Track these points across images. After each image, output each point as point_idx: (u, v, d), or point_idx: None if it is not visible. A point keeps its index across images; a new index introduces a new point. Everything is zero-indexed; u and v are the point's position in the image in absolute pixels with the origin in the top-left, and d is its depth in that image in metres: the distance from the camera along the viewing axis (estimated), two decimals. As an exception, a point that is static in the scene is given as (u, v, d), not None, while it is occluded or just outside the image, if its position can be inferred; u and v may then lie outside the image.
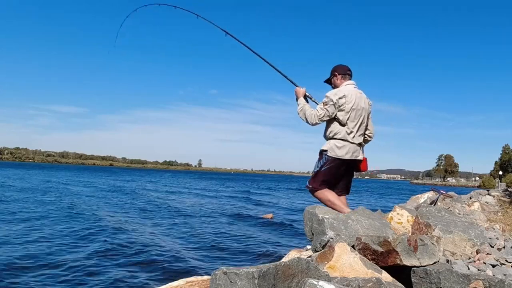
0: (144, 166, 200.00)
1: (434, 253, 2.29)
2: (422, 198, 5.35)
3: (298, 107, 3.79)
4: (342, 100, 3.59)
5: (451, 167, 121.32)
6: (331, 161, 3.61)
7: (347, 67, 3.86)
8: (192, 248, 8.15)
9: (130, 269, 6.28)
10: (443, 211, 3.18)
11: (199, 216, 13.99)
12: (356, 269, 2.13)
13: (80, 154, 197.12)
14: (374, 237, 2.36)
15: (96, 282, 5.61)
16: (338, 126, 3.64)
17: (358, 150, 3.69)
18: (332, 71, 3.90)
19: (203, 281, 2.54)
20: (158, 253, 7.50)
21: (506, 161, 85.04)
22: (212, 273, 1.79)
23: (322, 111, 3.60)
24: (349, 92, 3.65)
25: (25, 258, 6.56)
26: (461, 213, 4.23)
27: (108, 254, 7.21)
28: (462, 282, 2.00)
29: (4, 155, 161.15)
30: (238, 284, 1.69)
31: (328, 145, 3.65)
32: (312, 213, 2.91)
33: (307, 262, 1.94)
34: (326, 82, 3.98)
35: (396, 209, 3.54)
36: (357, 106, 3.65)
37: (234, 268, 1.75)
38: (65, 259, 6.68)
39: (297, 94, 3.88)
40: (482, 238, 2.72)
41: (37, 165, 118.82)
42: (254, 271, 1.71)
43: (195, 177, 70.83)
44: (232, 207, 17.81)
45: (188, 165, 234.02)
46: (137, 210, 15.04)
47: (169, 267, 6.56)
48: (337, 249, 2.22)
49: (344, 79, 3.81)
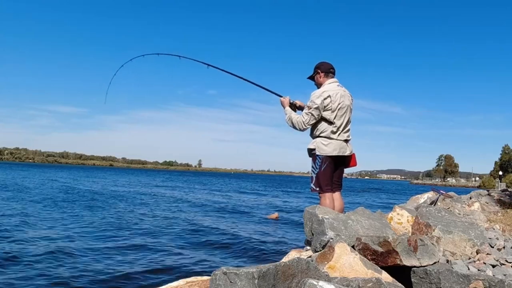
0: (144, 166, 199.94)
1: (434, 253, 2.29)
2: (422, 198, 5.36)
3: (285, 117, 3.91)
4: (327, 100, 3.68)
5: (451, 167, 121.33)
6: (325, 160, 3.70)
7: (330, 65, 3.91)
8: (192, 248, 8.14)
9: (130, 269, 6.28)
10: (443, 211, 3.18)
11: (199, 215, 13.98)
12: (356, 269, 2.13)
13: (80, 155, 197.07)
14: (374, 237, 2.36)
15: (96, 281, 5.61)
16: (325, 124, 3.73)
17: (344, 146, 3.78)
18: (315, 68, 3.95)
19: (203, 281, 2.54)
20: (158, 253, 7.51)
21: (506, 161, 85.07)
22: (212, 273, 1.79)
23: (307, 116, 3.72)
24: (333, 91, 3.72)
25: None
26: (461, 213, 4.23)
27: (108, 254, 7.21)
28: (462, 282, 2.00)
29: (4, 155, 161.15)
30: (238, 284, 1.69)
31: (315, 143, 3.76)
32: (312, 213, 2.91)
33: (307, 262, 1.94)
34: (309, 78, 4.04)
35: (396, 209, 3.54)
36: (342, 104, 3.74)
37: (234, 268, 1.75)
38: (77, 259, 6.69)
39: (282, 104, 4.01)
40: (482, 238, 2.72)
41: (39, 165, 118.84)
42: (254, 271, 1.71)
43: (196, 177, 70.90)
44: (233, 207, 17.79)
45: (188, 165, 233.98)
46: (137, 209, 15.03)
47: (169, 267, 6.56)
48: (337, 249, 2.22)
49: (327, 77, 3.87)
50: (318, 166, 3.73)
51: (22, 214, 11.82)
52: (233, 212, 15.81)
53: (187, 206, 17.46)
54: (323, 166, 3.70)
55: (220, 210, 16.43)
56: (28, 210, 12.89)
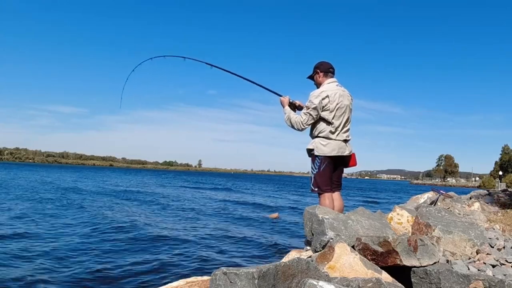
0: (144, 167, 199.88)
1: (434, 253, 2.29)
2: (422, 198, 5.36)
3: (284, 116, 3.91)
4: (326, 100, 3.67)
5: (451, 167, 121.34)
6: (324, 160, 3.70)
7: (330, 64, 3.90)
8: (192, 248, 8.14)
9: (130, 269, 6.28)
10: (443, 211, 3.18)
11: (199, 215, 13.98)
12: (356, 269, 2.13)
13: (80, 155, 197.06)
14: (374, 238, 2.36)
15: (96, 281, 5.61)
16: (324, 124, 3.73)
17: (343, 146, 3.77)
18: (314, 68, 3.95)
19: (203, 282, 2.53)
20: (158, 253, 7.50)
21: (506, 161, 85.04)
22: (212, 273, 1.79)
23: (306, 116, 3.72)
24: (332, 91, 3.72)
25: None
26: (461, 213, 4.23)
27: (107, 254, 7.21)
28: (462, 282, 2.00)
29: (4, 155, 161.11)
30: (238, 285, 1.69)
31: (314, 143, 3.76)
32: (312, 214, 2.91)
33: (307, 262, 1.94)
34: (309, 78, 4.03)
35: (396, 209, 3.54)
36: (341, 104, 3.73)
37: (234, 269, 1.75)
38: (66, 263, 6.69)
39: (282, 103, 4.01)
40: (482, 238, 2.72)
41: (38, 165, 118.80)
42: (254, 272, 1.71)
43: (196, 177, 70.90)
44: (233, 207, 17.79)
45: (188, 165, 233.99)
46: (137, 208, 15.03)
47: (169, 267, 6.55)
48: (337, 250, 2.22)
49: (326, 77, 3.87)
50: (317, 167, 3.73)
51: (22, 213, 11.83)
52: (233, 212, 15.80)
53: (187, 206, 17.45)
54: (322, 167, 3.70)
55: (220, 210, 16.42)
56: (26, 210, 12.90)
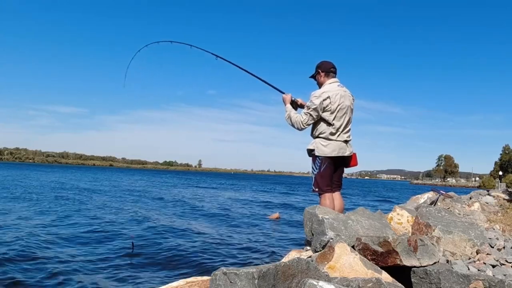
0: (144, 167, 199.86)
1: (434, 253, 2.29)
2: (422, 198, 5.35)
3: (285, 114, 3.90)
4: (327, 101, 3.66)
5: (451, 167, 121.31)
6: (324, 160, 3.70)
7: (331, 64, 3.89)
8: (192, 248, 8.14)
9: (129, 269, 6.28)
10: (443, 211, 3.18)
11: (199, 215, 13.97)
12: (356, 269, 2.13)
13: (80, 155, 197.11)
14: (374, 238, 2.36)
15: (96, 281, 5.60)
16: (324, 125, 3.72)
17: (344, 147, 3.76)
18: (316, 68, 3.94)
19: (203, 282, 2.53)
20: (157, 252, 7.50)
21: (506, 161, 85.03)
22: (212, 273, 1.78)
23: (306, 116, 3.71)
24: (333, 92, 3.70)
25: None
26: (461, 214, 4.23)
27: (107, 254, 7.21)
28: (462, 282, 2.00)
29: (4, 155, 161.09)
30: (238, 285, 1.69)
31: (314, 144, 3.75)
32: (312, 214, 2.91)
33: (307, 262, 1.94)
34: (311, 77, 4.02)
35: (396, 209, 3.54)
36: (342, 105, 3.72)
37: (234, 269, 1.75)
38: (64, 262, 6.68)
39: (284, 101, 4.00)
40: (482, 239, 2.72)
41: (39, 165, 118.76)
42: (254, 272, 1.70)
43: (196, 177, 70.89)
44: (233, 207, 17.78)
45: (188, 165, 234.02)
46: (137, 208, 15.03)
47: (169, 267, 6.56)
48: (337, 250, 2.22)
49: (328, 77, 3.85)
50: (317, 167, 3.72)
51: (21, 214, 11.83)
52: (233, 212, 15.80)
53: (187, 206, 17.44)
54: (323, 167, 3.69)
55: (220, 210, 16.41)
56: (22, 210, 12.89)
